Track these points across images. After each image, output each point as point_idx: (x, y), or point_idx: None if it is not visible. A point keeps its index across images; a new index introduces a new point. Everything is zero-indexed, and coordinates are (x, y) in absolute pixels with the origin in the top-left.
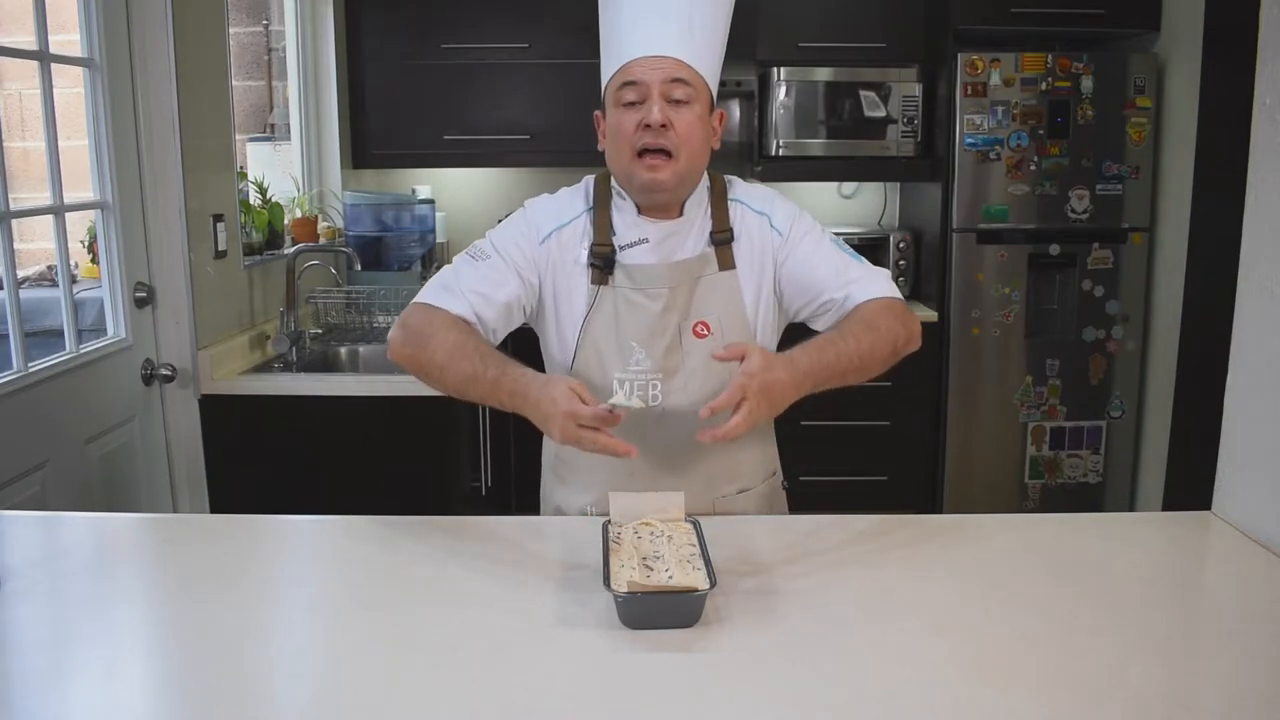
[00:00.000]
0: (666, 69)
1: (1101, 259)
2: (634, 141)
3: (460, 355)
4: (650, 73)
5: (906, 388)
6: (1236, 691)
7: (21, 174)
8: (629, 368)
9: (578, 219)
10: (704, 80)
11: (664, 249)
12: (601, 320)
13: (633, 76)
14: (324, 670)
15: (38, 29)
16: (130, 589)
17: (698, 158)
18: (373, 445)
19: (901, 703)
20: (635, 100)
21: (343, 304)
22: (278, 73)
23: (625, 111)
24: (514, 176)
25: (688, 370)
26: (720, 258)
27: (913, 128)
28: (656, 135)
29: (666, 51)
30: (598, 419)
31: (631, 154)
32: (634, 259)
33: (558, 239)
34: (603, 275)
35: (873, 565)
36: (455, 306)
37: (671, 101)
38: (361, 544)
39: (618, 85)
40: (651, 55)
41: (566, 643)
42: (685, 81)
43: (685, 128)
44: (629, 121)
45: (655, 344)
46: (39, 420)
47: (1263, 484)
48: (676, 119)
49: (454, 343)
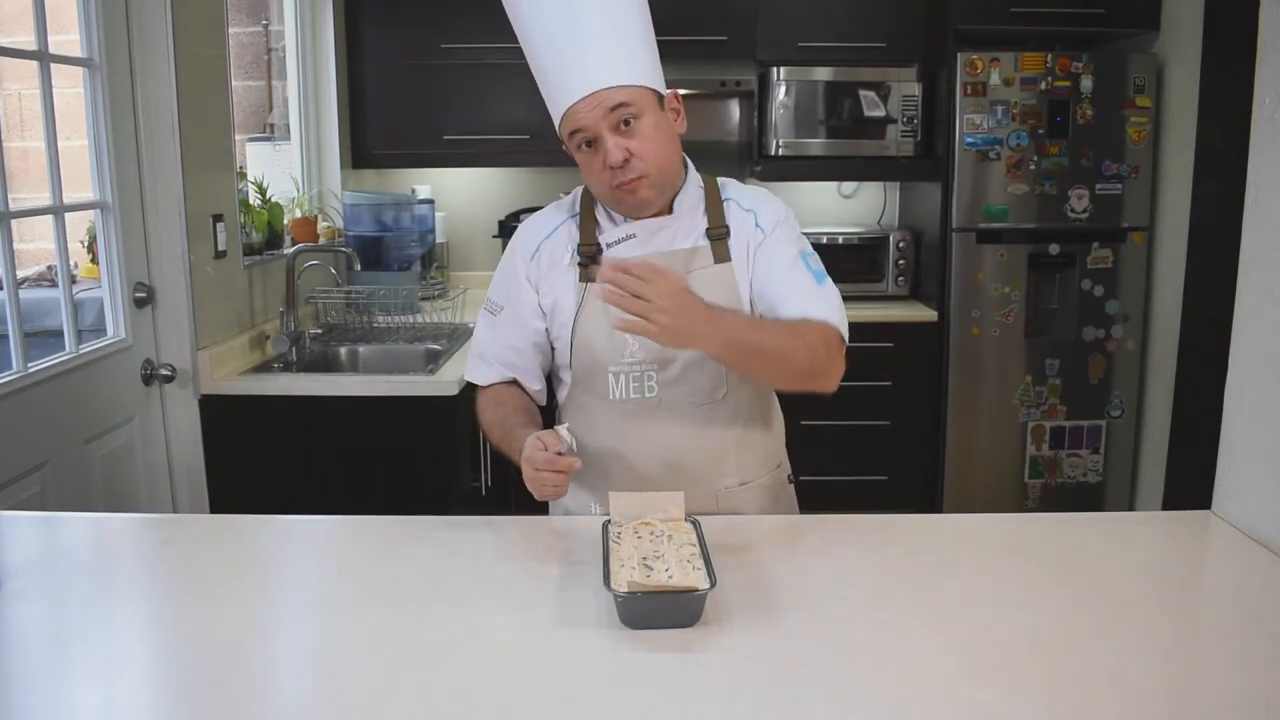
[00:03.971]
0: (603, 100)
1: (1101, 259)
2: (606, 180)
3: (493, 430)
4: (590, 113)
5: (906, 388)
6: (1236, 691)
7: (21, 174)
8: (623, 359)
9: (561, 226)
10: (644, 87)
11: (653, 242)
12: (591, 315)
13: (577, 124)
14: (324, 670)
15: (37, 29)
16: (130, 589)
17: (668, 158)
18: (373, 445)
19: (901, 702)
20: (589, 141)
21: (342, 304)
22: (277, 73)
23: (586, 155)
24: (514, 176)
25: (683, 360)
26: (715, 251)
27: (912, 127)
28: (623, 169)
29: (597, 85)
30: (548, 462)
31: (608, 188)
32: (621, 252)
33: (545, 249)
34: (589, 272)
35: (873, 565)
36: (487, 377)
37: (621, 126)
38: (361, 544)
39: (568, 132)
40: (586, 95)
41: (566, 643)
42: (626, 103)
43: (644, 145)
44: (594, 164)
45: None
46: (39, 420)
47: (1263, 484)
48: (633, 142)
49: (489, 420)
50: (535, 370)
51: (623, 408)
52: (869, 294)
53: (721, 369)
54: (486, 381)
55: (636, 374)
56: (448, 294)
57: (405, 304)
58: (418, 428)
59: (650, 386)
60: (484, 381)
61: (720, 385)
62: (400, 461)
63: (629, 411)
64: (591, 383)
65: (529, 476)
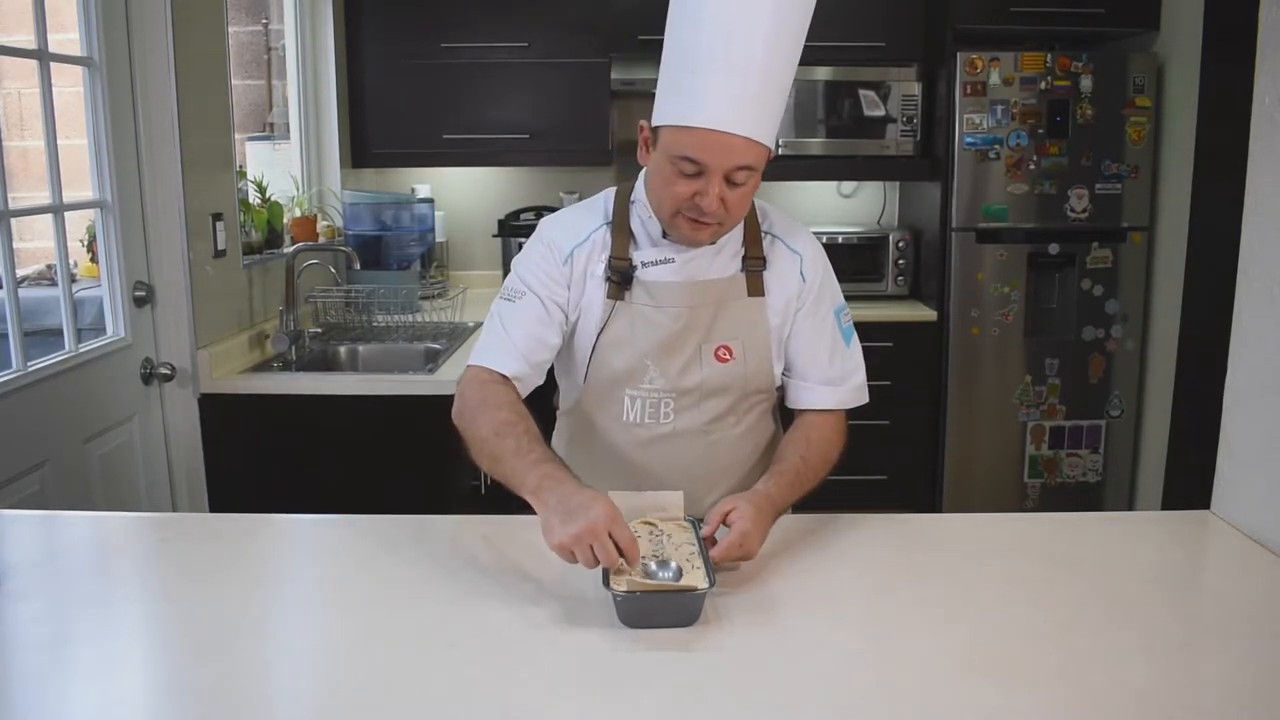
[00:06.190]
0: (734, 154)
1: (1101, 258)
2: (682, 206)
3: (507, 432)
4: (715, 156)
5: (906, 387)
6: (1236, 691)
7: (21, 173)
8: (641, 385)
9: (595, 233)
10: (766, 148)
11: (689, 269)
12: (615, 336)
13: (698, 154)
14: (324, 670)
15: (37, 28)
16: (129, 588)
17: (741, 217)
18: (373, 445)
19: (901, 702)
20: (693, 173)
21: (342, 303)
22: (277, 72)
23: (674, 171)
24: (513, 176)
25: (703, 391)
26: (750, 284)
27: (912, 127)
28: (706, 214)
29: (737, 130)
30: (626, 544)
31: (675, 210)
32: (655, 275)
33: (578, 255)
34: (619, 290)
35: (873, 565)
36: (509, 364)
37: (732, 179)
38: (361, 543)
39: (678, 149)
40: (721, 130)
41: (566, 643)
42: (752, 166)
43: (738, 203)
44: (679, 185)
45: (670, 362)
46: (38, 419)
47: (1262, 484)
48: (732, 196)
49: (490, 421)
50: (545, 369)
51: (634, 430)
52: (869, 294)
53: (737, 397)
54: (507, 369)
55: (654, 400)
56: (447, 293)
57: (405, 303)
58: (417, 427)
59: (666, 414)
60: (504, 369)
61: (733, 414)
62: (400, 461)
63: (640, 434)
64: (604, 400)
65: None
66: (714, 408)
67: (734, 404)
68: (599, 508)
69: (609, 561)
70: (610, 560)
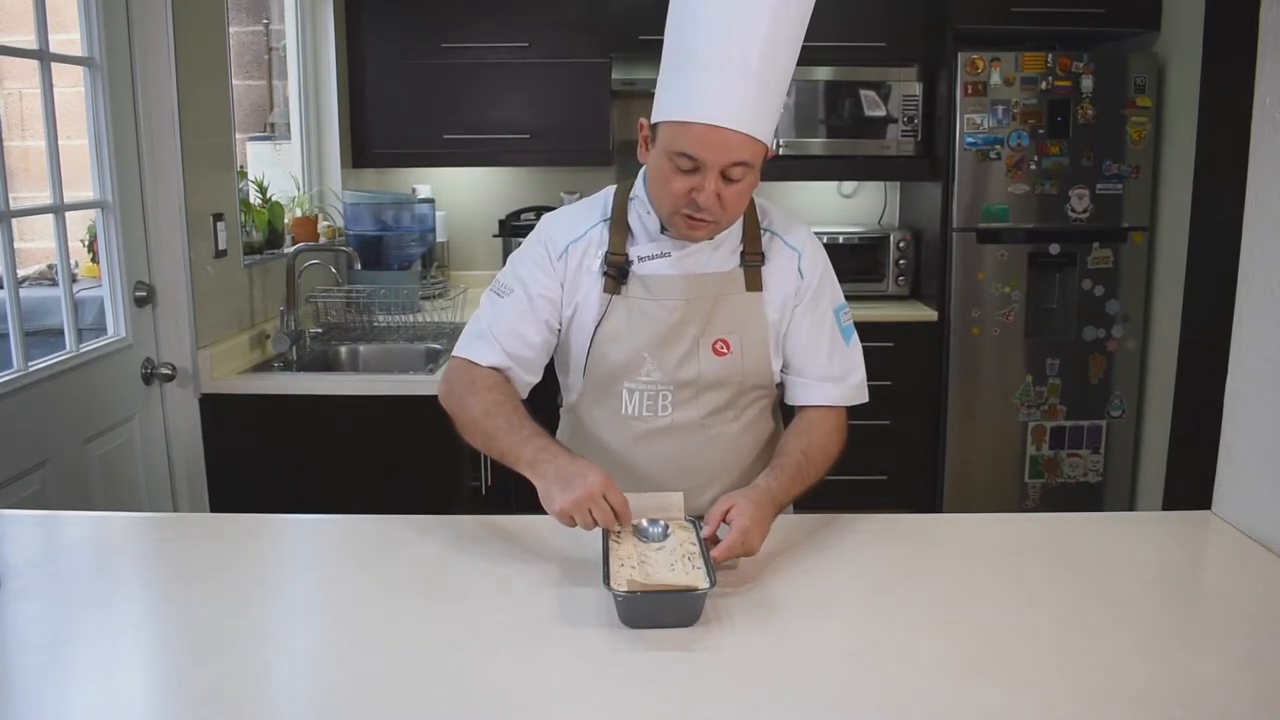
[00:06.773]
0: (730, 150)
1: (1101, 258)
2: (679, 204)
3: (498, 411)
4: (712, 152)
5: (906, 387)
6: (1236, 691)
7: (21, 173)
8: (639, 378)
9: (592, 229)
10: (763, 145)
11: (686, 264)
12: (612, 330)
13: (692, 150)
14: (324, 670)
15: (38, 28)
16: (129, 588)
17: (739, 215)
18: (373, 445)
19: (901, 702)
20: (690, 169)
21: (343, 303)
22: (278, 72)
23: (672, 168)
24: (514, 176)
25: (701, 384)
26: (749, 279)
27: (913, 127)
28: (703, 210)
29: (734, 126)
30: (619, 506)
31: (673, 207)
32: (651, 269)
33: (573, 251)
34: (616, 285)
35: (873, 565)
36: (489, 357)
37: (729, 175)
38: (361, 544)
39: (675, 145)
40: (718, 126)
41: (566, 642)
42: (748, 163)
43: (734, 199)
44: (676, 181)
45: (668, 355)
46: (39, 419)
47: (1262, 484)
48: (729, 192)
49: (479, 404)
50: (537, 364)
51: (633, 423)
52: (869, 293)
53: (735, 391)
54: (487, 362)
55: (651, 393)
56: (448, 293)
57: (405, 303)
58: (418, 427)
59: (664, 406)
60: (485, 361)
61: (731, 409)
62: (400, 461)
63: (638, 427)
64: (603, 395)
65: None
66: (712, 401)
67: (732, 398)
68: (594, 475)
69: (606, 522)
70: (607, 521)
